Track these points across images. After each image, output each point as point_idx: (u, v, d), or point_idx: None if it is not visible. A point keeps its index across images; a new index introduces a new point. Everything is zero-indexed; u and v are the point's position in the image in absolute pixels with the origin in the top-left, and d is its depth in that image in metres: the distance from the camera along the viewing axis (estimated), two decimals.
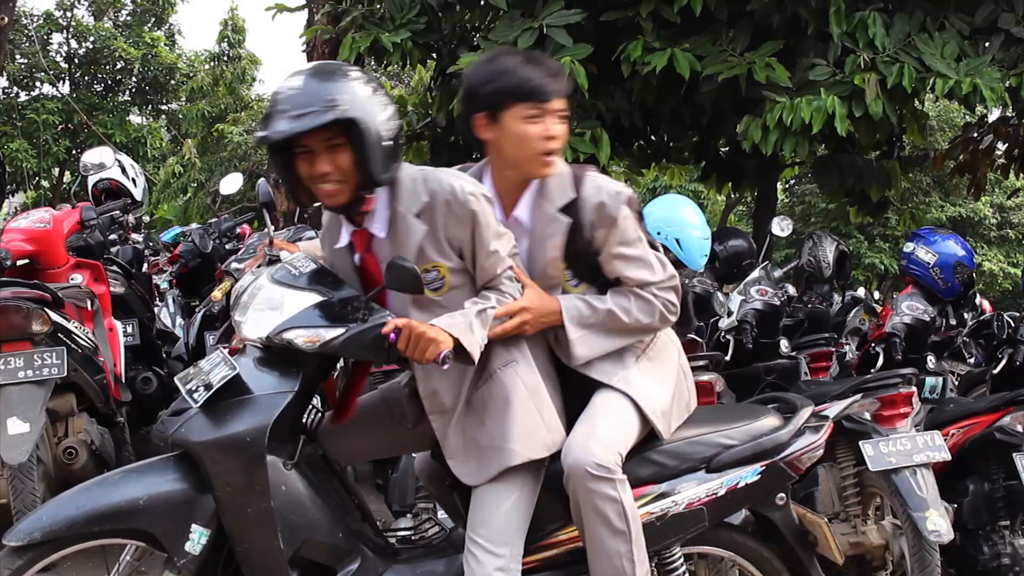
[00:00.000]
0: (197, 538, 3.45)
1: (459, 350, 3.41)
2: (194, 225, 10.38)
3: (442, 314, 3.50)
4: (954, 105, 20.70)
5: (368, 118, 3.45)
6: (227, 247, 8.27)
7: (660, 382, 3.85)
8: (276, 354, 3.58)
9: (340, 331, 3.44)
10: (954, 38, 7.53)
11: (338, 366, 6.70)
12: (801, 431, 4.01)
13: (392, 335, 3.39)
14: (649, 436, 3.80)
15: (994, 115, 10.56)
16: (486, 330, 3.50)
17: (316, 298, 3.53)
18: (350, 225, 3.67)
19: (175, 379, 3.73)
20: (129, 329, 7.40)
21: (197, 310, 7.91)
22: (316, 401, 3.92)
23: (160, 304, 9.90)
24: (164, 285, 10.45)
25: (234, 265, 6.64)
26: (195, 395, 3.50)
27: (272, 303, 3.55)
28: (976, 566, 5.89)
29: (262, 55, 47.65)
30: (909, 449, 5.55)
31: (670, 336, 4.02)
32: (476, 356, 3.45)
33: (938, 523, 5.35)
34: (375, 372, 6.46)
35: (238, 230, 8.90)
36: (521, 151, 3.69)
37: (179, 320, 9.24)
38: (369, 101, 3.48)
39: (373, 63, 10.56)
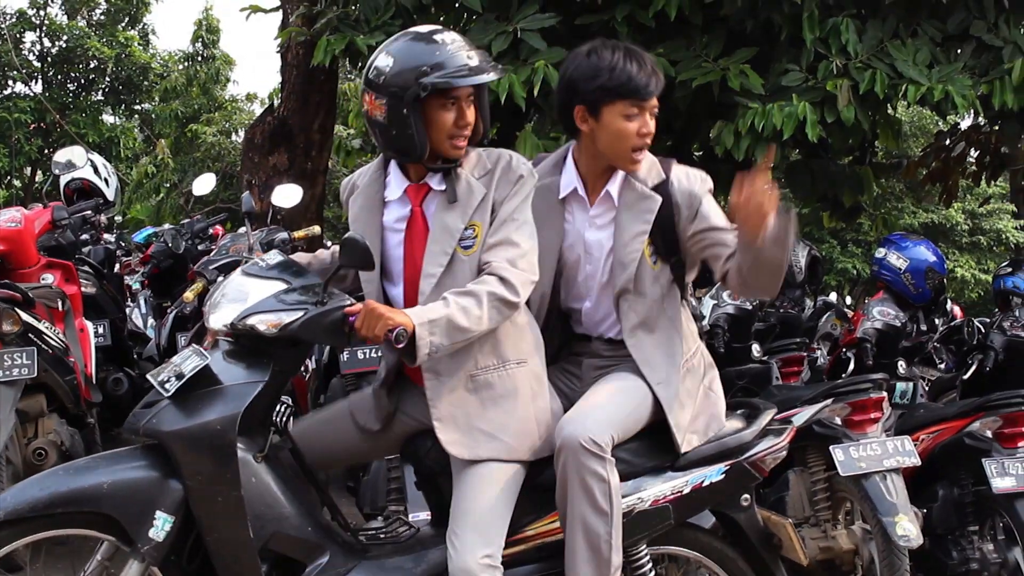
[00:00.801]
0: (161, 524, 3.46)
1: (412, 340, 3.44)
2: (167, 226, 10.36)
3: (465, 275, 3.61)
4: (927, 112, 20.79)
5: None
6: (199, 248, 8.25)
7: (686, 394, 3.90)
8: (246, 346, 3.63)
9: (299, 314, 3.50)
10: (926, 45, 7.56)
11: (311, 366, 6.70)
12: (764, 433, 4.06)
13: (352, 317, 3.46)
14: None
15: (966, 122, 10.61)
16: (447, 339, 3.49)
17: (279, 285, 3.61)
18: (405, 179, 3.76)
19: (147, 376, 3.74)
20: (100, 330, 7.38)
21: (169, 311, 7.88)
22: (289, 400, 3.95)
23: (132, 305, 9.89)
24: (136, 286, 10.43)
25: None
26: (167, 385, 3.54)
27: (239, 293, 3.61)
28: (945, 571, 5.92)
29: (236, 56, 47.58)
30: (879, 454, 5.58)
31: (703, 351, 4.08)
32: (422, 354, 3.46)
33: (908, 528, 5.38)
34: (346, 375, 6.47)
35: (211, 231, 8.88)
36: (617, 145, 3.87)
37: (151, 321, 9.23)
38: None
39: (348, 65, 10.55)
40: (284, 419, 3.82)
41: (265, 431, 3.64)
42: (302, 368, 6.43)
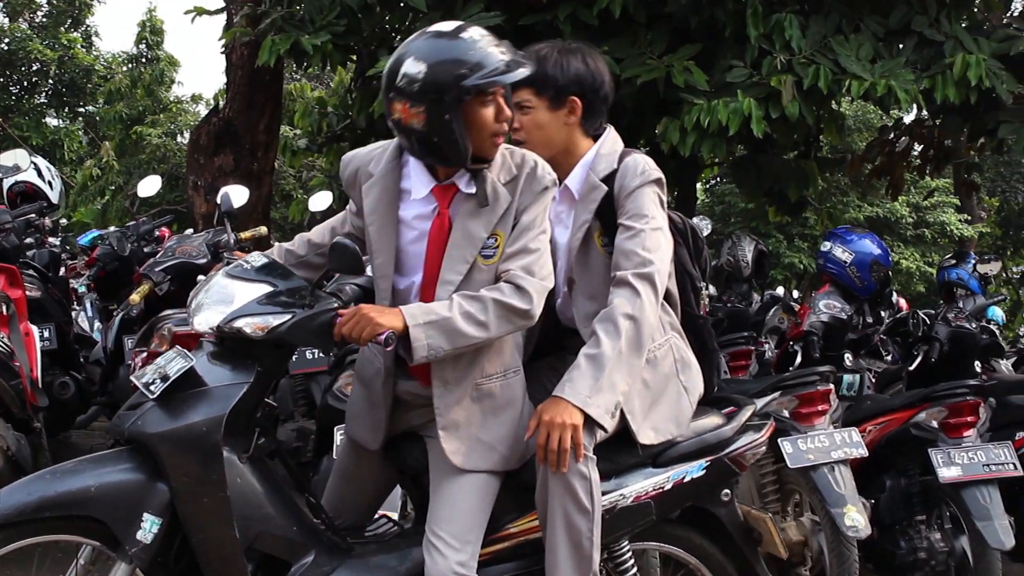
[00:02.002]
0: (149, 527, 3.44)
1: (405, 339, 3.43)
2: (112, 228, 10.28)
3: (483, 283, 3.57)
4: (871, 106, 20.96)
5: None
6: (146, 250, 8.18)
7: (644, 385, 3.87)
8: (231, 347, 3.62)
9: (287, 317, 3.50)
10: (869, 40, 7.62)
11: None
12: (744, 428, 4.07)
13: (338, 319, 3.47)
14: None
15: (910, 117, 10.70)
16: (448, 343, 3.47)
17: (265, 288, 3.59)
18: (431, 179, 3.66)
19: (131, 377, 3.72)
20: (46, 334, 7.32)
21: (115, 314, 7.82)
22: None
23: (78, 308, 9.79)
24: (82, 289, 10.33)
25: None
26: (151, 387, 3.52)
27: (224, 295, 3.59)
28: (893, 561, 5.96)
29: (181, 57, 47.27)
30: (827, 446, 5.63)
31: (674, 346, 4.03)
32: (419, 356, 3.45)
33: (856, 519, 5.43)
34: (295, 375, 6.45)
35: (157, 233, 8.80)
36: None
37: (97, 324, 9.14)
38: None
39: (293, 65, 10.52)
40: (269, 420, 3.82)
41: (250, 432, 3.63)
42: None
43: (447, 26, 3.54)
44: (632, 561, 3.94)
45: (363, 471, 4.00)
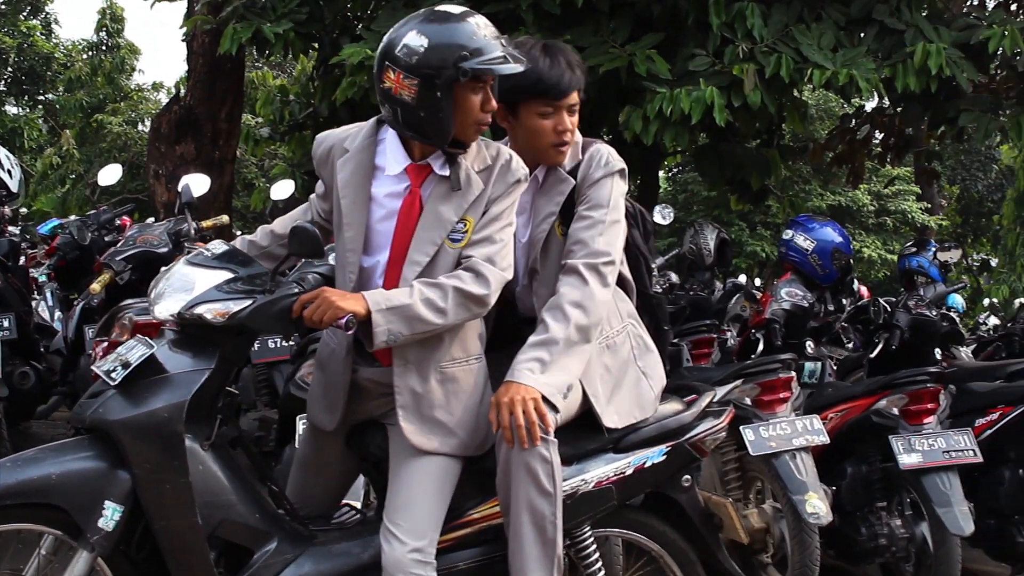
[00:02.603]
0: (110, 514, 3.43)
1: (366, 324, 3.45)
2: (72, 217, 10.23)
3: (448, 267, 3.60)
4: (832, 95, 21.04)
5: None
6: (106, 239, 8.14)
7: (604, 369, 3.90)
8: (192, 335, 3.61)
9: (247, 303, 3.50)
10: (830, 29, 7.65)
11: None
12: (704, 414, 4.09)
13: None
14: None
15: (871, 105, 10.75)
16: (407, 328, 3.49)
17: (226, 275, 3.59)
18: (406, 158, 3.68)
19: (92, 367, 3.71)
20: (6, 323, 7.27)
21: (76, 303, 7.79)
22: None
23: (38, 298, 9.74)
24: (42, 278, 10.28)
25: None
26: (112, 374, 3.52)
27: (185, 283, 3.58)
28: (854, 547, 6.00)
29: (142, 45, 47.01)
30: (789, 433, 5.65)
31: (632, 333, 4.05)
32: (378, 340, 3.46)
33: (817, 506, 5.46)
34: (257, 364, 6.44)
35: (117, 222, 8.77)
36: (535, 143, 3.88)
37: (57, 314, 9.11)
38: None
39: (255, 53, 10.47)
40: (231, 408, 3.81)
41: (212, 419, 3.63)
42: None
43: (455, 9, 3.60)
44: (595, 547, 3.94)
45: (325, 460, 4.00)
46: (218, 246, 3.77)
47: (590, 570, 3.93)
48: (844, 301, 7.71)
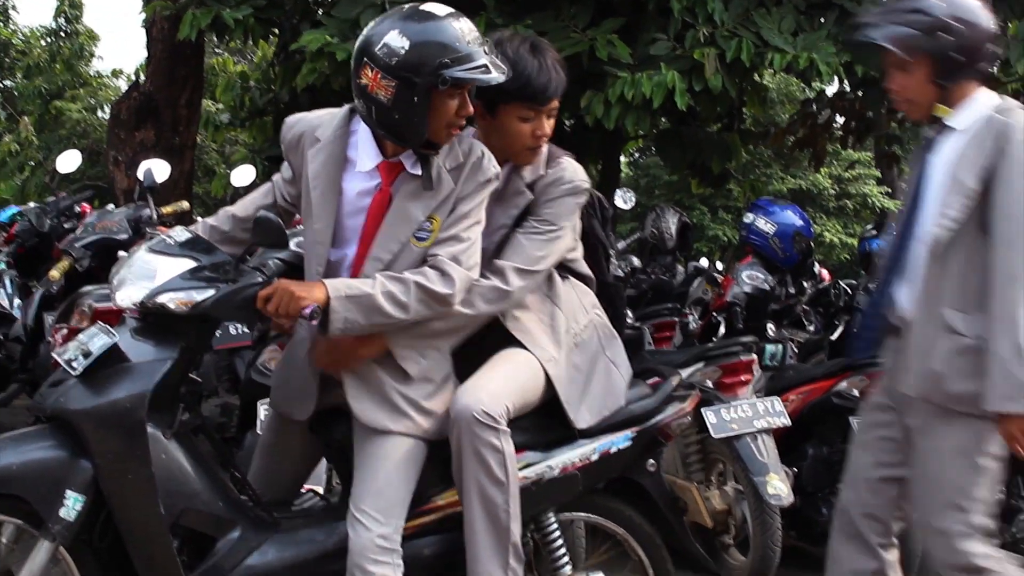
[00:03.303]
0: (72, 504, 3.41)
1: (325, 311, 3.43)
2: (32, 204, 10.16)
3: (410, 263, 3.58)
4: (793, 79, 21.11)
5: None
6: (66, 226, 8.09)
7: (575, 369, 3.89)
8: (154, 323, 3.58)
9: (211, 292, 3.48)
10: (791, 13, 7.68)
11: None
12: (669, 399, 4.09)
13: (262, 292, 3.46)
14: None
15: (831, 89, 10.80)
16: (364, 319, 3.48)
17: (189, 263, 3.56)
18: (379, 154, 3.64)
19: (53, 354, 3.69)
20: None
21: (35, 290, 7.74)
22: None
23: None
24: (1, 266, 10.21)
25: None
26: (73, 364, 3.49)
27: (147, 271, 3.55)
28: (816, 528, 6.02)
29: (101, 31, 46.71)
30: (750, 415, 5.68)
31: (597, 324, 4.04)
32: (334, 328, 3.45)
33: (779, 487, 5.48)
34: (219, 350, 6.42)
35: (77, 209, 8.71)
36: (510, 144, 3.79)
37: (16, 301, 9.03)
38: None
39: (215, 39, 10.43)
40: (193, 396, 3.79)
41: (174, 408, 3.61)
42: None
43: (440, 9, 3.51)
44: (559, 533, 3.94)
45: (288, 445, 3.98)
46: (180, 233, 3.73)
47: (555, 555, 3.93)
48: (805, 284, 7.74)
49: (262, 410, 5.28)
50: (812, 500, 6.04)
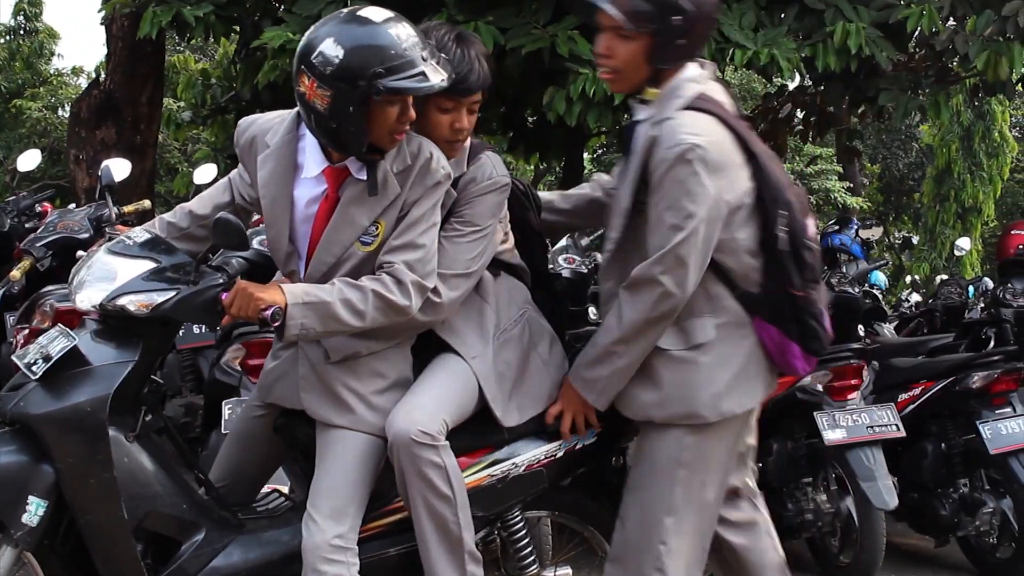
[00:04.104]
0: (34, 509, 3.39)
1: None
2: None
3: (356, 269, 3.56)
4: (755, 74, 21.19)
5: None
6: (27, 225, 8.03)
7: (504, 365, 3.85)
8: (115, 325, 3.57)
9: (171, 294, 3.46)
10: (751, 9, 7.68)
11: None
12: None
13: (224, 295, 3.43)
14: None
15: (792, 84, 10.85)
16: (320, 325, 3.45)
17: (149, 265, 3.53)
18: (324, 160, 3.59)
19: (13, 357, 3.67)
20: None
21: None
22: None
23: None
24: None
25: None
26: (34, 367, 3.47)
27: (106, 272, 3.53)
28: (781, 522, 6.01)
29: (60, 29, 46.34)
30: None
31: (529, 318, 3.99)
32: (290, 334, 3.42)
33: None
34: (182, 350, 6.39)
35: (38, 208, 8.65)
36: (428, 135, 3.68)
37: None
38: None
39: (176, 37, 10.36)
40: (155, 397, 3.79)
41: (136, 410, 3.59)
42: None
43: (379, 14, 3.44)
44: (525, 531, 3.95)
45: (257, 438, 3.99)
46: (140, 234, 3.71)
47: (521, 553, 3.94)
48: None
49: (226, 409, 5.26)
50: (777, 495, 6.06)
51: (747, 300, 3.74)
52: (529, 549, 3.93)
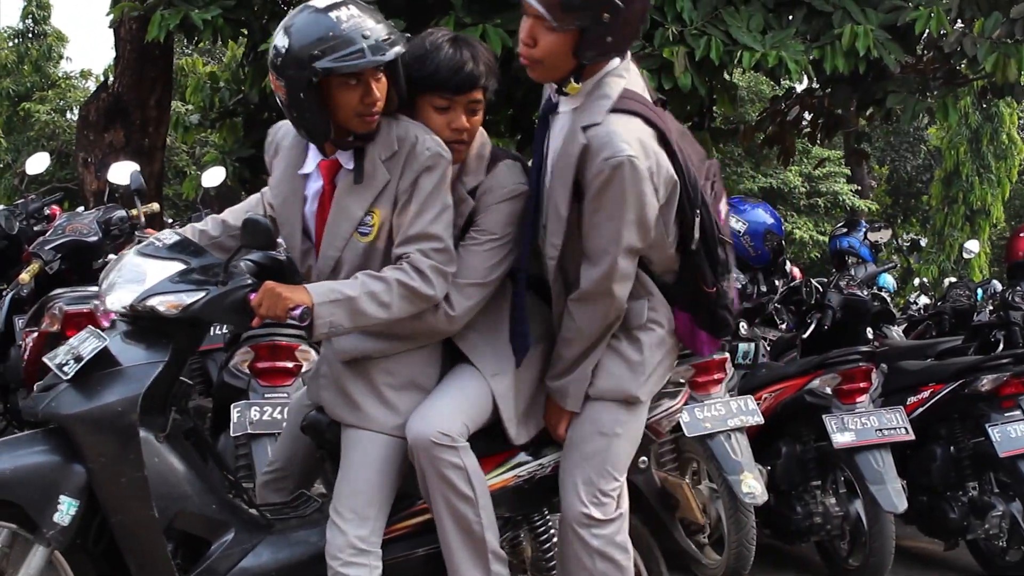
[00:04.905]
0: (66, 508, 3.41)
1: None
2: (0, 207, 10.11)
3: (360, 261, 3.58)
4: (762, 77, 21.17)
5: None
6: (35, 229, 8.04)
7: (522, 383, 3.83)
8: (144, 327, 3.59)
9: (201, 295, 3.48)
10: (759, 11, 7.69)
11: None
12: (660, 396, 4.05)
13: (252, 295, 3.44)
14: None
15: (800, 87, 10.84)
16: (349, 321, 3.45)
17: (178, 266, 3.57)
18: (319, 154, 3.65)
19: (44, 359, 3.69)
20: None
21: (4, 293, 7.69)
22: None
23: None
24: None
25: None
26: (65, 368, 3.50)
27: (136, 274, 3.56)
28: (790, 526, 6.05)
29: (69, 32, 46.47)
30: (723, 414, 5.69)
31: (549, 339, 3.93)
32: (319, 332, 3.44)
33: (753, 485, 5.50)
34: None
35: (46, 211, 8.65)
36: None
37: None
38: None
39: (184, 40, 10.36)
40: (184, 398, 3.83)
41: (166, 411, 3.62)
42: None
43: (323, 2, 3.47)
44: (553, 530, 3.95)
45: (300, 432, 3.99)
46: (170, 236, 3.74)
47: (548, 553, 3.95)
48: (777, 282, 7.77)
49: (235, 412, 5.26)
50: (786, 498, 6.07)
51: (665, 290, 3.78)
52: (555, 548, 3.92)
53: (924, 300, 13.08)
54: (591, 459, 3.71)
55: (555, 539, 3.94)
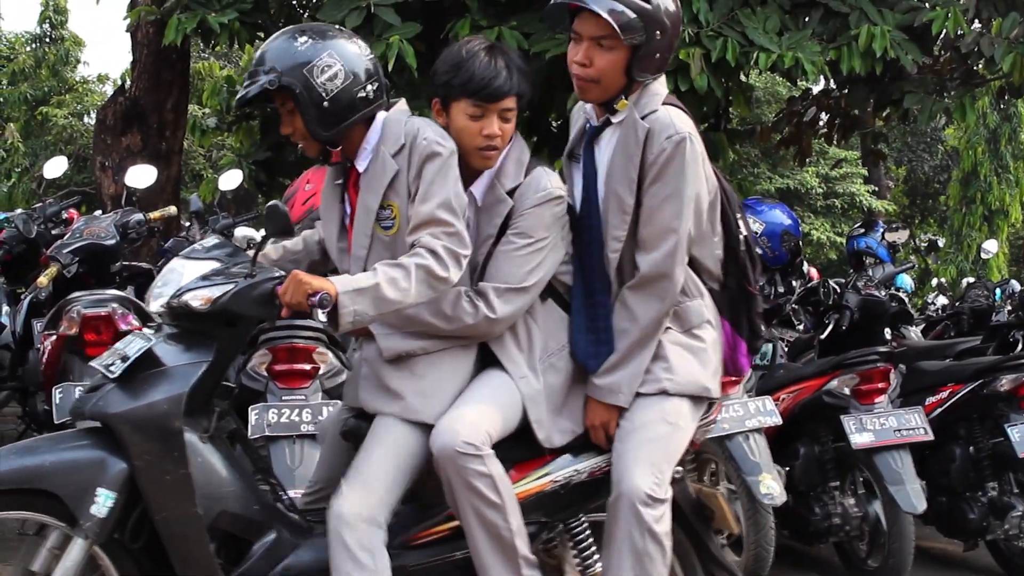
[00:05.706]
0: (103, 500, 3.46)
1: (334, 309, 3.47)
2: (18, 211, 10.14)
3: (387, 256, 3.63)
4: (779, 78, 21.15)
5: (300, 83, 3.62)
6: (53, 232, 8.07)
7: (549, 389, 3.84)
8: (188, 328, 3.67)
9: (229, 287, 3.54)
10: (776, 12, 7.69)
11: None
12: None
13: (279, 287, 3.50)
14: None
15: (817, 88, 10.83)
16: (372, 309, 3.48)
17: (213, 264, 3.67)
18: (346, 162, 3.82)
19: (92, 363, 3.77)
20: None
21: (23, 297, 7.72)
22: None
23: None
24: None
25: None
26: (111, 368, 3.58)
27: (176, 276, 3.67)
28: (808, 527, 6.05)
29: (86, 36, 46.59)
30: (742, 415, 5.68)
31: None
32: (344, 322, 3.46)
33: (771, 486, 5.49)
34: None
35: (64, 215, 8.69)
36: (462, 145, 3.75)
37: (4, 308, 9.01)
38: (306, 66, 3.64)
39: (201, 43, 10.38)
40: (227, 400, 3.86)
41: (210, 412, 3.69)
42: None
43: (278, 32, 3.83)
44: (588, 533, 3.94)
45: (345, 442, 4.01)
46: (210, 239, 3.89)
47: (584, 555, 3.94)
48: (794, 283, 7.75)
49: (253, 415, 5.28)
50: (804, 499, 6.07)
51: (712, 296, 3.90)
52: (592, 551, 3.92)
53: (942, 300, 13.04)
54: (656, 442, 3.76)
55: (592, 541, 3.93)
